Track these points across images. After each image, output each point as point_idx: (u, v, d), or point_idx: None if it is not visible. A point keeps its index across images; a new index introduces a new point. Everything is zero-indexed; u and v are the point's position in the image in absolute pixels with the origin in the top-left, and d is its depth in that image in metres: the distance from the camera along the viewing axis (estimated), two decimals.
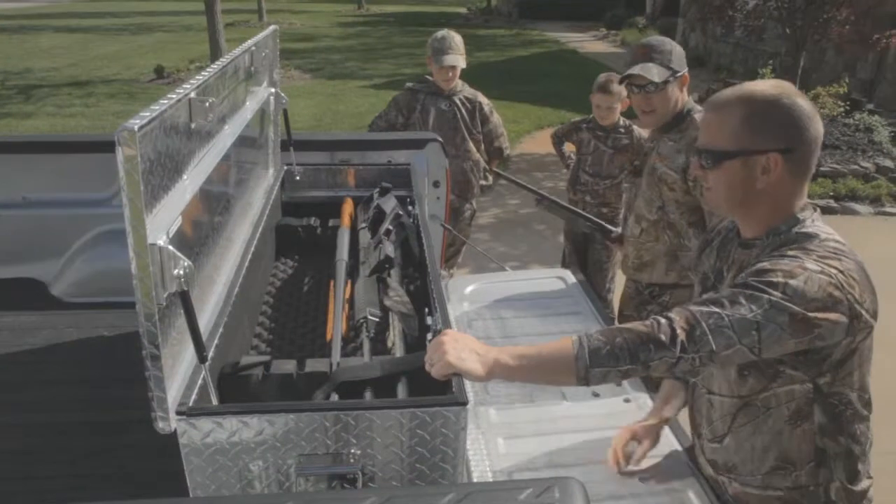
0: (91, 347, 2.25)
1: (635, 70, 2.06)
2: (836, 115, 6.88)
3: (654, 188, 2.19)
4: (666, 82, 2.05)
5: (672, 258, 2.21)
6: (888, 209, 5.75)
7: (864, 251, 1.07)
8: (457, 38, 3.16)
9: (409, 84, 3.32)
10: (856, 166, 6.21)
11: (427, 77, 3.29)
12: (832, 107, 6.91)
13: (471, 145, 3.29)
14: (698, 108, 2.13)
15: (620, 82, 2.15)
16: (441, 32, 3.19)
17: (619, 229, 2.58)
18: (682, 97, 2.14)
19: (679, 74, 2.10)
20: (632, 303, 2.40)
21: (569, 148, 3.54)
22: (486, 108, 3.32)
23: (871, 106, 7.33)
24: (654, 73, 2.04)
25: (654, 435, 1.54)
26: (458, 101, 3.23)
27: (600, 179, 3.30)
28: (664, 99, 2.10)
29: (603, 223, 2.59)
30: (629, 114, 2.91)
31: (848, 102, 7.02)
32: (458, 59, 3.11)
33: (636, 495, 1.50)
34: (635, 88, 2.11)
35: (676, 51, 2.11)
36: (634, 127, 3.28)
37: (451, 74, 3.16)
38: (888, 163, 6.31)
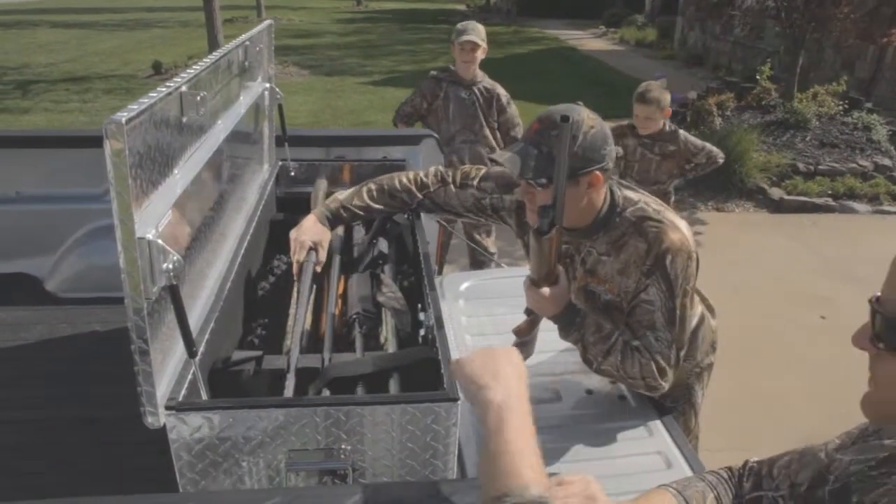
0: (84, 343, 2.24)
1: (501, 158, 1.43)
2: (835, 114, 6.88)
3: (598, 313, 1.61)
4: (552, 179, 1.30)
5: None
6: (886, 208, 5.76)
7: (863, 249, 1.05)
8: (479, 26, 3.39)
9: (432, 72, 3.53)
10: (854, 165, 6.21)
11: (450, 66, 3.50)
12: (830, 105, 6.90)
13: (487, 132, 3.47)
14: (632, 199, 1.54)
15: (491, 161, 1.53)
16: (464, 22, 3.44)
17: None
18: (591, 199, 1.47)
19: (583, 173, 1.40)
20: None
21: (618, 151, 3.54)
22: (504, 99, 3.48)
23: (869, 105, 7.32)
24: (528, 166, 1.39)
25: None
26: (476, 91, 3.43)
27: (647, 186, 3.31)
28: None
29: None
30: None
31: (846, 101, 7.01)
32: (476, 39, 3.29)
33: (631, 493, 1.50)
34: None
35: (587, 139, 1.40)
36: (680, 131, 3.30)
37: (470, 54, 3.32)
38: (886, 161, 6.30)
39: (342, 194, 1.81)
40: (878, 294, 0.68)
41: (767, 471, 0.94)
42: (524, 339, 1.60)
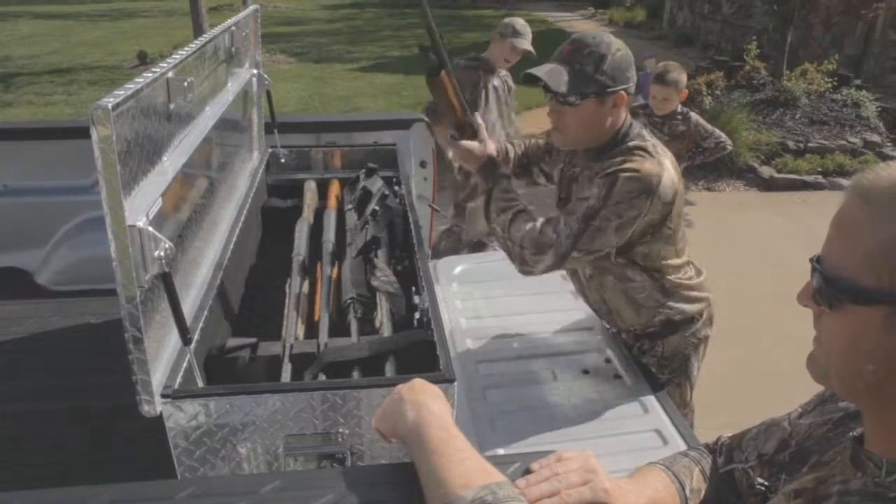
0: (78, 335, 2.23)
1: (540, 72, 1.51)
2: (824, 91, 6.89)
3: None
4: (584, 96, 1.49)
5: (627, 298, 1.75)
6: None
7: None
8: (526, 24, 3.41)
9: (462, 62, 3.43)
10: (844, 142, 6.24)
11: (480, 56, 3.45)
12: (820, 83, 6.91)
13: (513, 117, 3.63)
14: (644, 135, 1.59)
15: (524, 80, 1.59)
16: (516, 19, 3.41)
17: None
18: (614, 119, 1.56)
19: (611, 91, 1.50)
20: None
21: None
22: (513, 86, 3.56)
23: (858, 81, 7.33)
24: (562, 81, 1.48)
25: None
26: (503, 79, 3.45)
27: None
28: (579, 118, 1.53)
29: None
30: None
31: (835, 78, 7.02)
32: (529, 45, 3.33)
33: (628, 471, 1.51)
34: (547, 93, 1.54)
35: (615, 59, 1.49)
36: (692, 113, 3.30)
37: (514, 59, 3.36)
38: (875, 138, 6.33)
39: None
40: (819, 254, 0.71)
41: (737, 444, 0.97)
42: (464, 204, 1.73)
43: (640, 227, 1.56)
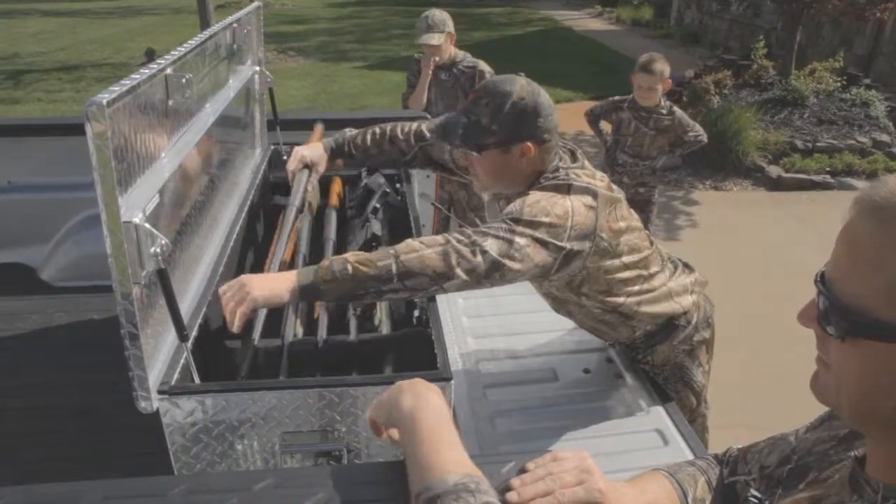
0: (80, 331, 2.23)
1: (430, 124, 1.50)
2: (833, 91, 6.83)
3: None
4: (482, 148, 1.42)
5: (597, 321, 1.65)
6: None
7: None
8: (436, 16, 3.25)
9: (416, 55, 3.49)
10: (852, 141, 6.18)
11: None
12: (828, 82, 6.85)
13: None
14: (562, 168, 1.45)
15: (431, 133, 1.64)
16: (424, 13, 3.28)
17: None
18: (530, 167, 1.45)
19: (511, 144, 1.40)
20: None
21: (604, 126, 3.56)
22: (488, 75, 3.33)
23: (867, 81, 7.26)
24: (456, 134, 1.43)
25: None
26: (457, 72, 3.36)
27: (640, 160, 3.37)
28: (485, 168, 1.46)
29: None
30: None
31: (844, 77, 6.95)
32: (432, 38, 3.20)
33: (628, 470, 1.50)
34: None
35: (516, 109, 1.38)
36: (676, 108, 3.31)
37: (433, 53, 3.26)
38: (884, 137, 6.27)
39: (352, 131, 1.82)
40: (823, 270, 0.63)
41: (742, 456, 0.95)
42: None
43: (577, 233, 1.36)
